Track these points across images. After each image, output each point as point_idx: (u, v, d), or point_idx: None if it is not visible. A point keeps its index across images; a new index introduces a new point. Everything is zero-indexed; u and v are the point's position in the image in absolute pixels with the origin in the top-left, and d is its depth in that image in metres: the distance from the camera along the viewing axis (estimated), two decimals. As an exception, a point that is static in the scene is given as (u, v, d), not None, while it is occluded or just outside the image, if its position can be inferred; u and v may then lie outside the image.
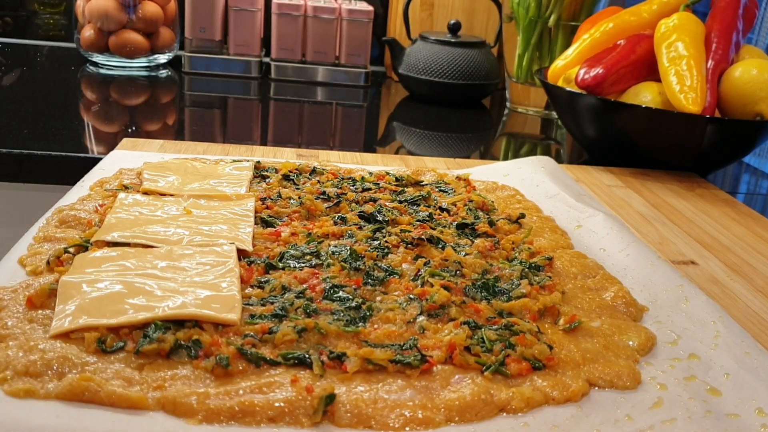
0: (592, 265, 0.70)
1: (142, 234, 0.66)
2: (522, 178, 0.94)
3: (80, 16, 1.50)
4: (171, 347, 0.50)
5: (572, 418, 0.49)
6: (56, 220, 0.69)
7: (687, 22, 1.06)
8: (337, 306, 0.58)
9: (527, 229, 0.76)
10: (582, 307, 0.62)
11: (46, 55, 1.66)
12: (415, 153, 1.18)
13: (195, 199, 0.76)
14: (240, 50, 1.55)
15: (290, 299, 0.57)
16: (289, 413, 0.46)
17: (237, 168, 0.86)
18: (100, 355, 0.49)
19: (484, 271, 0.66)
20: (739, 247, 0.82)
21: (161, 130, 1.19)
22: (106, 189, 0.77)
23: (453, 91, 1.48)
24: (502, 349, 0.53)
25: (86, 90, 1.41)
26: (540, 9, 1.40)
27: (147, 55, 1.52)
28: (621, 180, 1.03)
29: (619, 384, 0.52)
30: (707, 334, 0.60)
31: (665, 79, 1.03)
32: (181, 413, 0.45)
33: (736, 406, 0.51)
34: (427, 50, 1.47)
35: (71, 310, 0.53)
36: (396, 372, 0.51)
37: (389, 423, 0.46)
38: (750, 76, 1.03)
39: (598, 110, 1.07)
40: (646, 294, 0.66)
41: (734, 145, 1.07)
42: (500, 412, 0.49)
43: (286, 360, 0.50)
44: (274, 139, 1.24)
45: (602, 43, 1.14)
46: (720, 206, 0.96)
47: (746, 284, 0.73)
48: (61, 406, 0.45)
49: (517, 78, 1.48)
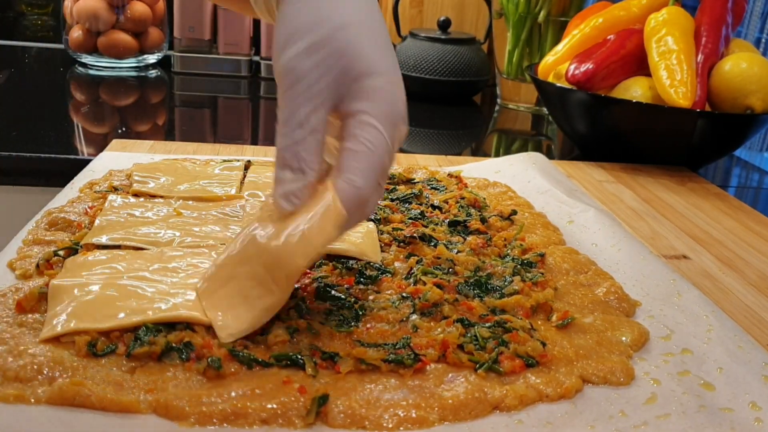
0: (585, 260, 0.70)
1: (132, 236, 0.65)
2: (513, 174, 0.94)
3: (68, 16, 1.49)
4: (162, 350, 0.50)
5: (566, 414, 0.49)
6: (45, 223, 0.68)
7: (676, 17, 1.06)
8: (330, 306, 0.57)
9: (519, 225, 0.76)
10: (575, 303, 0.62)
11: (34, 57, 1.65)
12: (407, 150, 1.18)
13: (185, 200, 0.75)
14: (229, 49, 1.55)
15: (282, 299, 0.57)
16: (282, 415, 0.45)
17: (227, 168, 0.85)
18: (91, 358, 0.49)
19: (477, 268, 0.66)
20: (731, 241, 0.83)
21: (151, 130, 1.19)
22: (96, 191, 0.77)
23: (443, 88, 1.48)
24: (495, 346, 0.53)
25: (75, 91, 1.41)
26: (529, 5, 1.40)
27: (136, 55, 1.51)
28: (612, 175, 1.03)
29: (613, 380, 0.52)
30: (700, 329, 0.60)
31: (655, 74, 1.03)
32: (173, 416, 0.45)
33: (729, 401, 0.51)
34: (417, 47, 1.46)
35: (62, 313, 0.52)
36: (389, 371, 0.50)
37: (383, 423, 0.46)
38: (740, 69, 1.03)
39: (589, 106, 1.07)
40: (638, 289, 0.66)
41: (725, 139, 1.07)
42: (494, 410, 0.49)
43: (279, 361, 0.50)
44: (265, 138, 1.23)
45: (592, 38, 1.14)
46: (711, 200, 0.96)
47: (738, 278, 0.73)
48: (51, 411, 0.44)
49: (508, 74, 1.48)
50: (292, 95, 0.52)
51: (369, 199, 0.52)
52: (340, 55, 0.52)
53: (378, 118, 0.51)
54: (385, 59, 0.53)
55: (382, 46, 0.54)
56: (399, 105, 0.53)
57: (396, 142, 0.53)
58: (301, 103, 0.51)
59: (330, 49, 0.52)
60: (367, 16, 0.54)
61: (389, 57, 0.54)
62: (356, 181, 0.51)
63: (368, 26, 0.54)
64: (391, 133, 0.52)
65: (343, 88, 0.52)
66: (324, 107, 0.52)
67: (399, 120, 0.53)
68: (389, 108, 0.52)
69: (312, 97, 0.51)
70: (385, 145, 0.51)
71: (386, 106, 0.52)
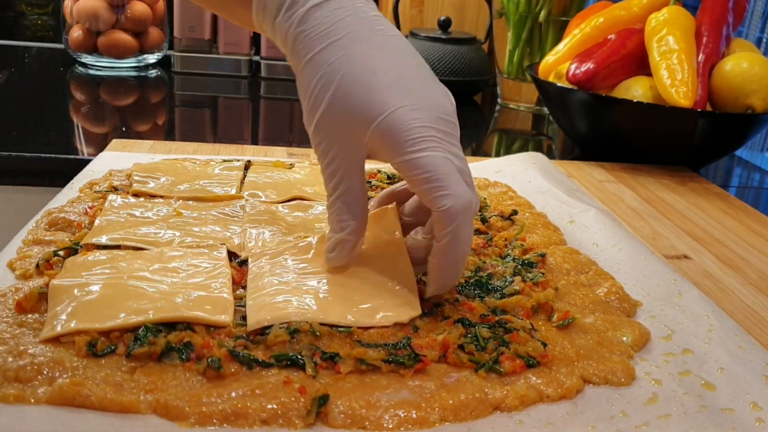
0: (585, 260, 0.70)
1: (132, 236, 0.65)
2: (514, 174, 0.94)
3: (68, 16, 1.49)
4: (162, 350, 0.50)
5: (567, 415, 0.48)
6: (45, 223, 0.68)
7: (677, 16, 1.06)
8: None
9: (520, 225, 0.76)
10: (575, 303, 0.62)
11: (34, 57, 1.65)
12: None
13: (185, 200, 0.75)
14: (229, 49, 1.55)
15: (282, 300, 0.57)
16: (282, 415, 0.45)
17: (227, 168, 0.85)
18: (91, 358, 0.49)
19: (477, 268, 0.65)
20: (732, 241, 0.82)
21: (151, 130, 1.19)
22: (96, 191, 0.77)
23: (444, 87, 1.47)
24: (495, 347, 0.53)
25: (75, 91, 1.41)
26: (530, 4, 1.40)
27: (136, 55, 1.51)
28: (613, 175, 1.03)
29: (614, 380, 0.52)
30: (701, 329, 0.59)
31: (656, 74, 1.03)
32: (173, 416, 0.45)
33: (730, 401, 0.51)
34: (418, 47, 1.44)
35: (62, 313, 0.52)
36: (390, 372, 0.50)
37: (383, 423, 0.46)
38: (741, 69, 1.03)
39: (589, 105, 1.07)
40: (639, 289, 0.66)
41: (726, 139, 1.07)
42: (495, 410, 0.48)
43: (279, 361, 0.50)
44: (265, 138, 1.23)
45: (593, 38, 1.14)
46: (712, 200, 0.96)
47: (739, 278, 0.73)
48: (51, 411, 0.44)
49: (508, 74, 1.48)
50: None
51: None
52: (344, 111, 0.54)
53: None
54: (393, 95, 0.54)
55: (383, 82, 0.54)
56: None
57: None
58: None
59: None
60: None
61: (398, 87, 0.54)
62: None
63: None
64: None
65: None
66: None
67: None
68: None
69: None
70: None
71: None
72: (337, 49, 0.54)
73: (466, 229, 0.53)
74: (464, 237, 0.54)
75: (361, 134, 0.53)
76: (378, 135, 0.53)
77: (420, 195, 0.54)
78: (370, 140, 0.54)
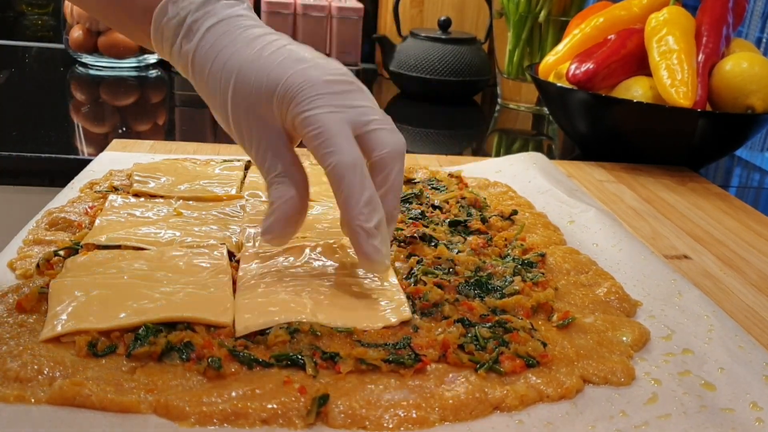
0: (585, 260, 0.70)
1: (132, 236, 0.65)
2: (514, 174, 0.94)
3: (68, 16, 1.49)
4: (163, 350, 0.50)
5: (567, 414, 0.48)
6: (46, 223, 0.68)
7: (677, 16, 1.06)
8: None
9: (520, 225, 0.76)
10: (575, 303, 0.62)
11: (35, 57, 1.65)
12: (407, 150, 1.18)
13: (185, 200, 0.75)
14: (230, 49, 1.54)
15: (282, 299, 0.57)
16: (283, 415, 0.45)
17: (227, 168, 0.85)
18: (91, 358, 0.49)
19: (477, 268, 0.65)
20: (732, 241, 0.82)
21: (151, 130, 1.19)
22: (96, 191, 0.77)
23: (444, 87, 1.47)
24: (495, 346, 0.53)
25: (75, 91, 1.41)
26: (530, 4, 1.40)
27: (136, 55, 1.51)
28: (613, 175, 1.03)
29: (614, 380, 0.52)
30: (701, 329, 0.59)
31: (656, 74, 1.03)
32: (173, 416, 0.45)
33: (730, 401, 0.51)
34: (418, 47, 1.46)
35: (62, 313, 0.52)
36: (390, 371, 0.50)
37: (383, 423, 0.46)
38: (740, 69, 1.03)
39: (589, 105, 1.07)
40: (639, 289, 0.66)
41: (726, 139, 1.07)
42: (495, 410, 0.48)
43: (279, 361, 0.50)
44: (265, 138, 1.23)
45: (593, 38, 1.14)
46: (712, 200, 0.96)
47: (739, 278, 0.73)
48: (52, 411, 0.44)
49: (508, 74, 1.48)
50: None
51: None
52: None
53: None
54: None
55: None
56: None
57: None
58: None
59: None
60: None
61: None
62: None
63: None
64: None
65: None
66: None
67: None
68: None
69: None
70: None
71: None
72: (230, 55, 0.58)
73: (355, 187, 0.54)
74: (355, 193, 0.54)
75: (271, 109, 0.56)
76: (279, 104, 0.56)
77: (312, 154, 0.56)
78: (279, 114, 0.56)
